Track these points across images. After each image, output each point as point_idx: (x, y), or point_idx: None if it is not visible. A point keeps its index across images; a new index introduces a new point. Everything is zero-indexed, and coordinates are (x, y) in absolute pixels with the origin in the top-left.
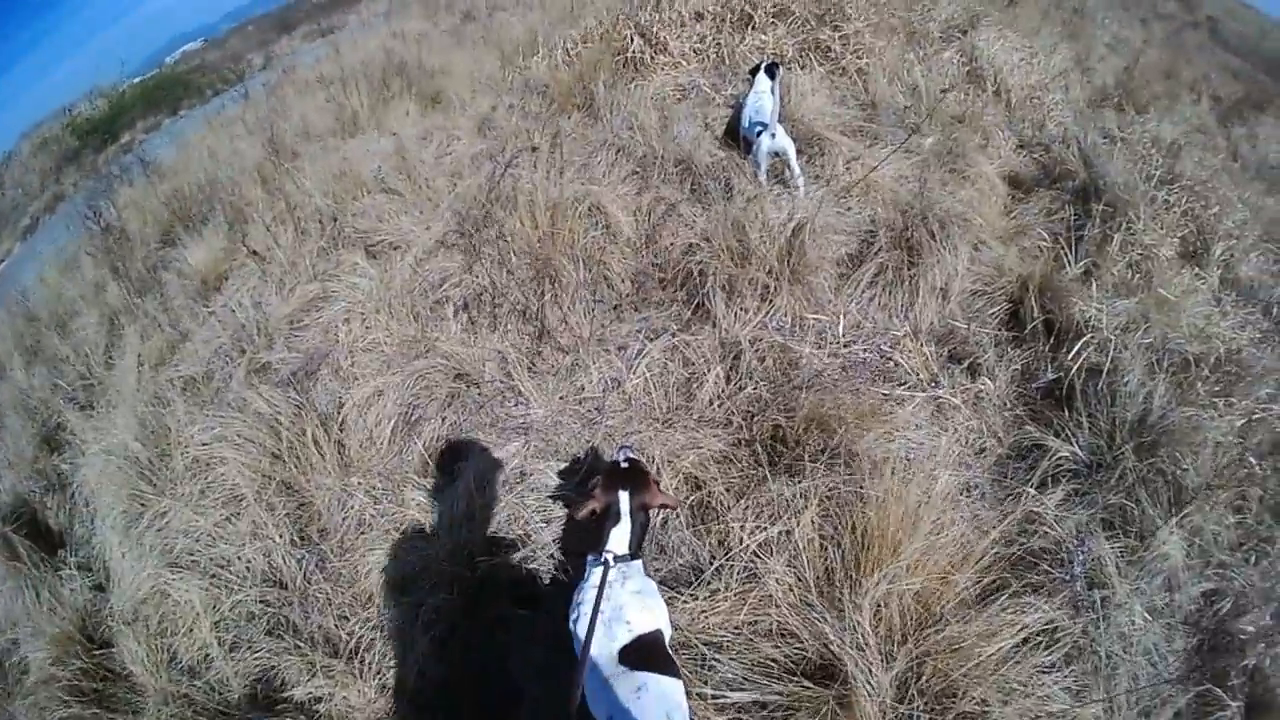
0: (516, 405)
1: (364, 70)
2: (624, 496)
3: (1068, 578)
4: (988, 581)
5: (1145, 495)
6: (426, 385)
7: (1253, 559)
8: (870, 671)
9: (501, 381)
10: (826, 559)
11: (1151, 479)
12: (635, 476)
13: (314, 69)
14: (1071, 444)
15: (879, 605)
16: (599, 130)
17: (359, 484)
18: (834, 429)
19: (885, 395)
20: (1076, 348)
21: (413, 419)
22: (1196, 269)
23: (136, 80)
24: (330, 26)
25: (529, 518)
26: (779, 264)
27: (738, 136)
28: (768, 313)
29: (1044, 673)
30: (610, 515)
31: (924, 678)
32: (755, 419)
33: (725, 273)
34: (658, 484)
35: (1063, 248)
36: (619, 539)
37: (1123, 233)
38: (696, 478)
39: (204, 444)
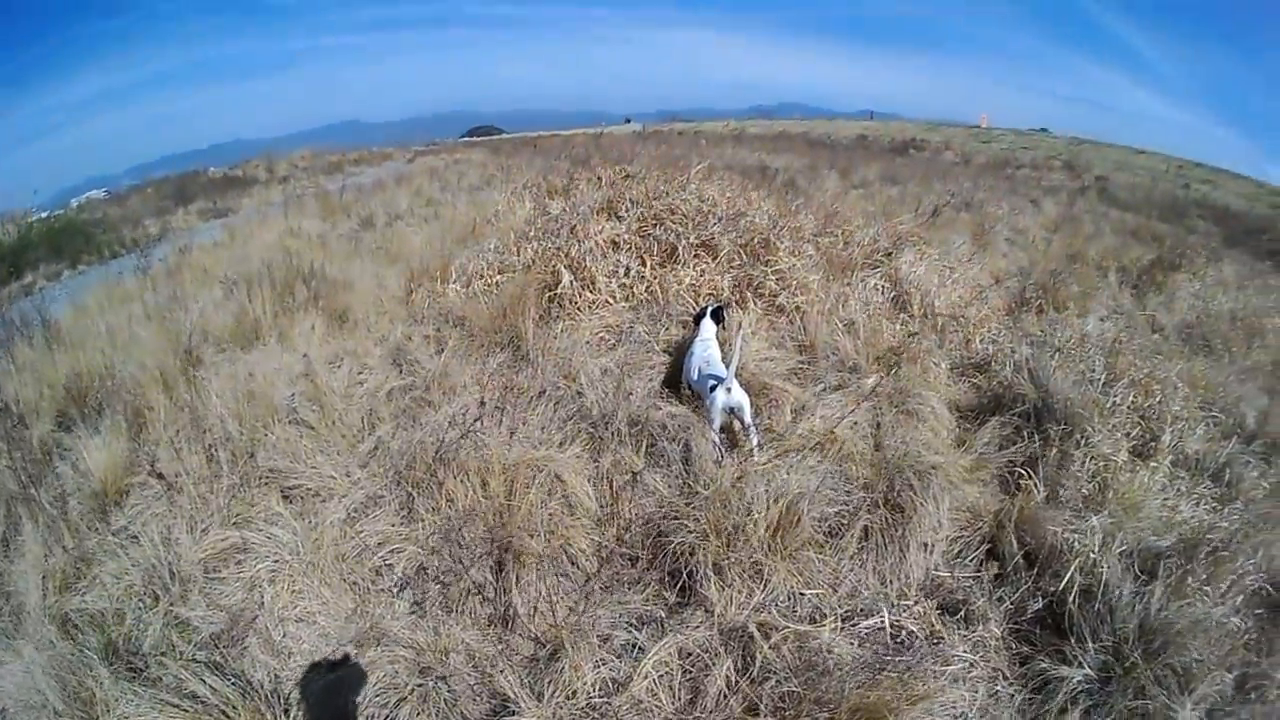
0: (504, 715)
1: (265, 268)
2: None
3: None
4: None
5: (1159, 691)
6: (389, 684)
7: (1252, 696)
8: None
9: (473, 677)
10: None
11: (1163, 676)
12: None
13: (211, 254)
14: (1082, 667)
15: None
16: (531, 377)
17: None
18: (886, 718)
19: (922, 671)
20: (1067, 577)
21: None
22: (1152, 463)
23: (44, 215)
24: (226, 208)
25: None
26: (772, 540)
27: (678, 386)
28: (764, 594)
29: None
30: None
31: None
32: (787, 715)
33: (713, 553)
34: None
35: (1027, 475)
36: None
37: (1082, 448)
38: None
39: None
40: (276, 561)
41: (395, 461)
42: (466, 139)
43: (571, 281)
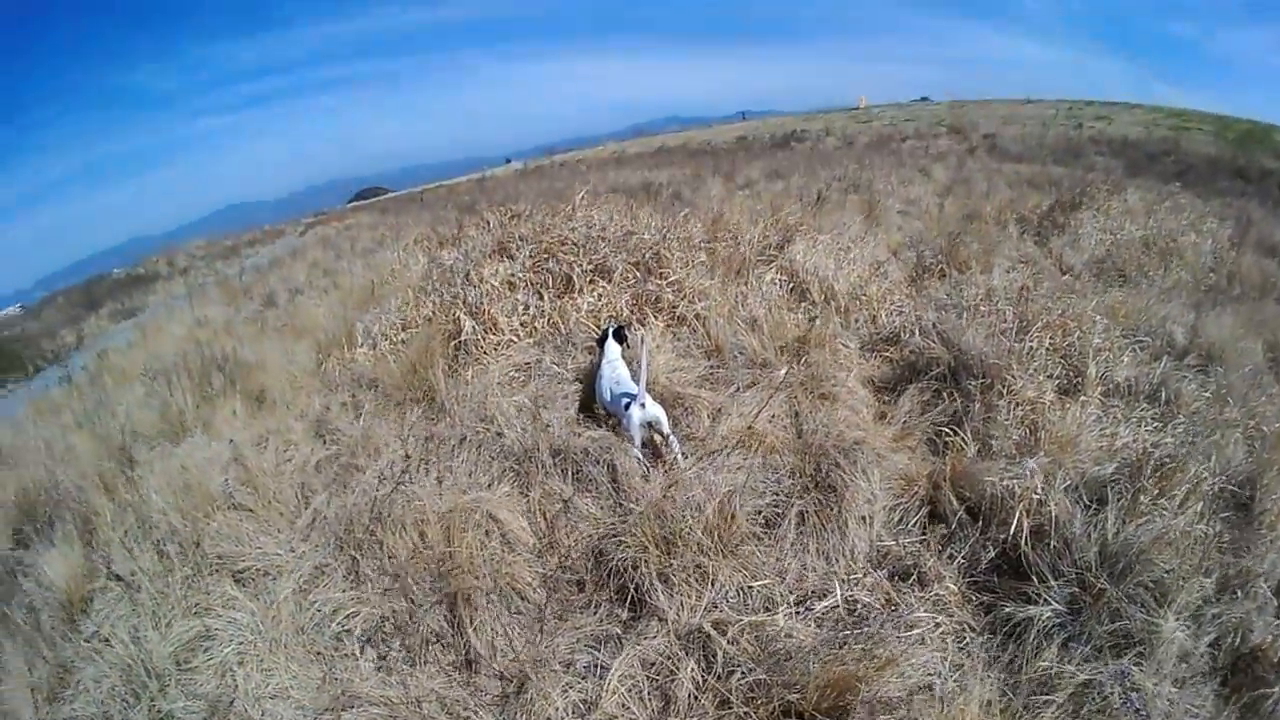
0: None
1: (181, 361)
2: None
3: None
4: None
5: (1135, 610)
6: None
7: (1239, 594)
8: None
9: None
10: None
11: (1136, 594)
12: None
13: (127, 354)
14: (1049, 604)
15: None
16: (450, 425)
17: None
18: (856, 688)
19: (883, 639)
20: (1015, 522)
21: None
22: (1082, 397)
23: None
24: (134, 307)
25: None
26: (710, 541)
27: (593, 410)
28: (713, 593)
29: None
30: None
31: None
32: (759, 704)
33: (655, 564)
34: None
35: (954, 433)
36: None
37: (1006, 397)
38: None
39: None
40: (241, 644)
41: (334, 528)
42: (354, 203)
43: (474, 327)
